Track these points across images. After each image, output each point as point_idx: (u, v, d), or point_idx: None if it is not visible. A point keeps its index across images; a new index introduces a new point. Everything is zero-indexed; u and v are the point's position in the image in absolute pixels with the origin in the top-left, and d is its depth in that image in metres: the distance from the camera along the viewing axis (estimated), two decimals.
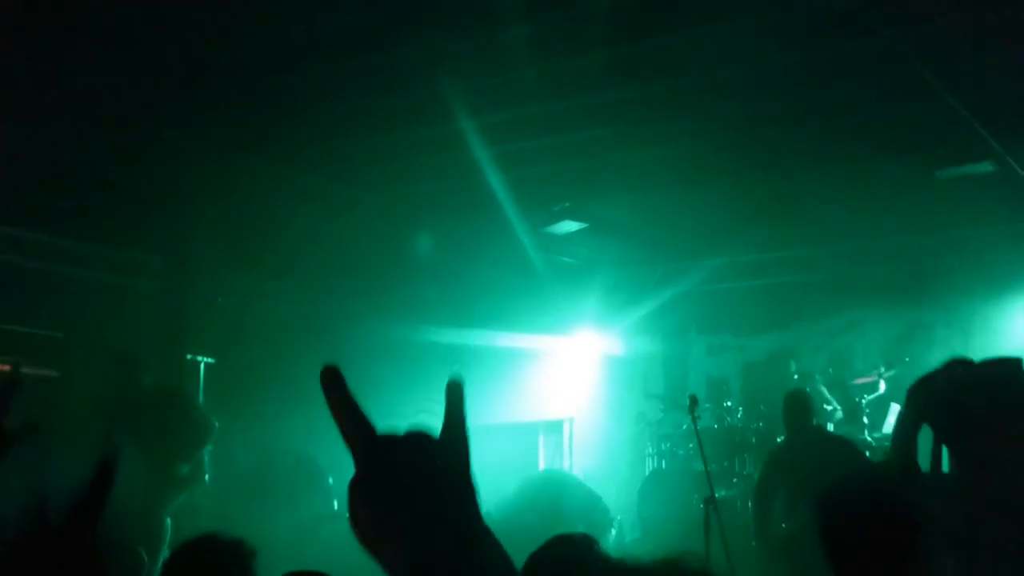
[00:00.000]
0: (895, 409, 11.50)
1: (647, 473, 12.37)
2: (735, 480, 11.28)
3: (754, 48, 7.69)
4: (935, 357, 12.26)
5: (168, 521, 8.30)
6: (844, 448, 8.61)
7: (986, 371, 6.75)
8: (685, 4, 7.05)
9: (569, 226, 11.93)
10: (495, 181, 10.07)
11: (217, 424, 9.03)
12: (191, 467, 8.67)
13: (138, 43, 7.54)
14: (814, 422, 8.88)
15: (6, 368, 8.63)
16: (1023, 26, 7.26)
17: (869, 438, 10.85)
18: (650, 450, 12.77)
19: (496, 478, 11.44)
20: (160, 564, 7.75)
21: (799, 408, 8.68)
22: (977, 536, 6.01)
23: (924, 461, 6.75)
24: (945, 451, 6.62)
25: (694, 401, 8.09)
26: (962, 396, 6.58)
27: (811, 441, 8.54)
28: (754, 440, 11.48)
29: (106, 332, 9.60)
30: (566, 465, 12.56)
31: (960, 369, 6.79)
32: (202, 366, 9.70)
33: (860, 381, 11.84)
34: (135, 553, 7.05)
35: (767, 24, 7.30)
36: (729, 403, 12.14)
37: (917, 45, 7.53)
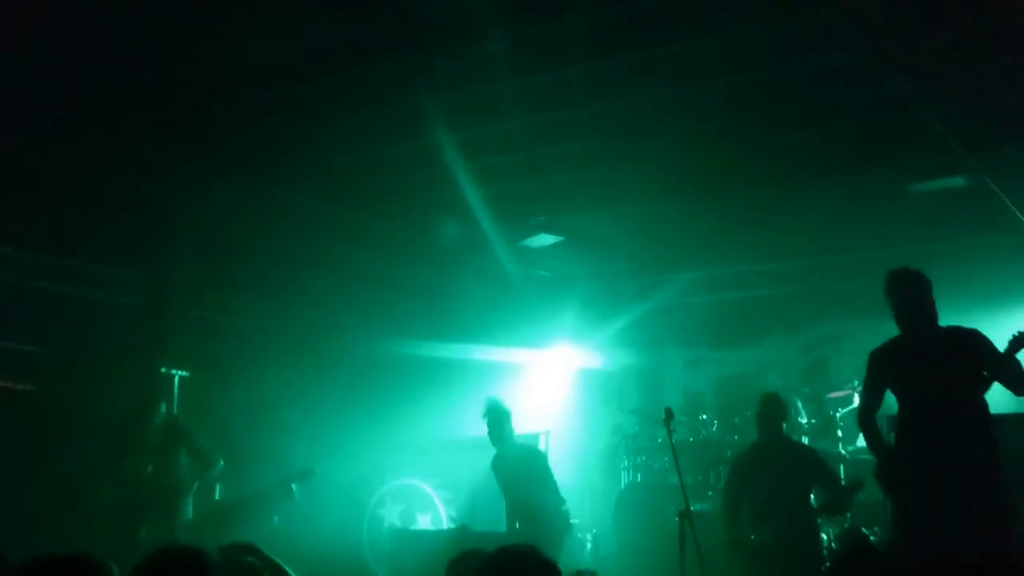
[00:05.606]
0: None
1: (622, 486, 12.34)
2: (710, 493, 11.26)
3: (731, 63, 7.75)
4: None
5: (144, 534, 8.29)
6: (811, 457, 8.64)
7: None
8: (661, 20, 7.10)
9: (545, 239, 11.94)
10: (472, 195, 10.09)
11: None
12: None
13: (117, 62, 7.54)
14: (785, 431, 8.86)
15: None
16: (993, 43, 7.35)
17: (843, 451, 10.88)
18: (626, 463, 12.72)
19: (472, 493, 11.42)
20: None
21: (774, 411, 8.66)
22: None
23: None
24: None
25: (670, 414, 8.05)
26: None
27: (779, 449, 8.55)
28: (729, 453, 11.45)
29: (85, 347, 9.61)
30: None
31: None
32: (176, 379, 9.67)
33: (834, 395, 11.84)
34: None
35: (743, 39, 7.36)
36: (705, 416, 12.11)
37: (890, 61, 7.60)
